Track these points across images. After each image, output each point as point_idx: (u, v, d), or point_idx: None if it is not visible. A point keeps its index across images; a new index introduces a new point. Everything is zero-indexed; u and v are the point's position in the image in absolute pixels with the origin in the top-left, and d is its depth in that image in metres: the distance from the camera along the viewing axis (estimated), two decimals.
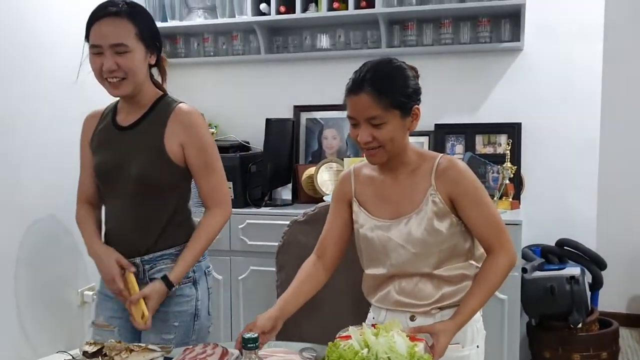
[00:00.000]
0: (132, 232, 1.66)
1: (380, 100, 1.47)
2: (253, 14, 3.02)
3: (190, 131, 1.64)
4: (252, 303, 2.84)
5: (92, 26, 1.57)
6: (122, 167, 1.63)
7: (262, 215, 2.82)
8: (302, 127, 3.25)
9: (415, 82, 1.54)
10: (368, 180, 1.66)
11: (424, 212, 1.54)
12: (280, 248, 1.99)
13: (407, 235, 1.55)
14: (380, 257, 1.60)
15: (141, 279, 1.65)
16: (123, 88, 1.59)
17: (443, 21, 2.92)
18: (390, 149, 1.53)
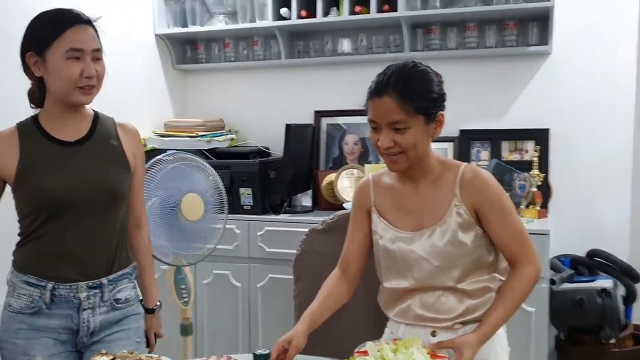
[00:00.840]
0: (97, 250, 1.59)
1: (404, 104, 1.42)
2: (274, 19, 2.99)
3: (138, 143, 1.71)
4: (270, 311, 2.78)
5: (67, 31, 1.49)
6: (87, 183, 1.56)
7: (281, 222, 2.77)
8: (323, 132, 3.20)
9: (440, 87, 1.48)
10: (387, 189, 1.60)
11: (447, 224, 1.47)
12: (297, 257, 1.94)
13: (430, 248, 1.48)
14: (402, 270, 1.53)
15: (104, 301, 1.60)
16: (92, 95, 1.56)
17: (468, 24, 2.84)
18: (412, 156, 1.47)
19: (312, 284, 1.92)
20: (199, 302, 2.89)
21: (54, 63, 1.49)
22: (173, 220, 2.31)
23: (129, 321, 1.66)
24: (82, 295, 1.56)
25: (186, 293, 2.46)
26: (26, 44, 1.53)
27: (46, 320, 1.54)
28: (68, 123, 1.58)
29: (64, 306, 1.55)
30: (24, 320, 1.54)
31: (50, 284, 1.54)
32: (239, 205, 2.84)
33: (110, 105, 2.77)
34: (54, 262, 1.55)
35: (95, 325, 1.59)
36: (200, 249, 2.41)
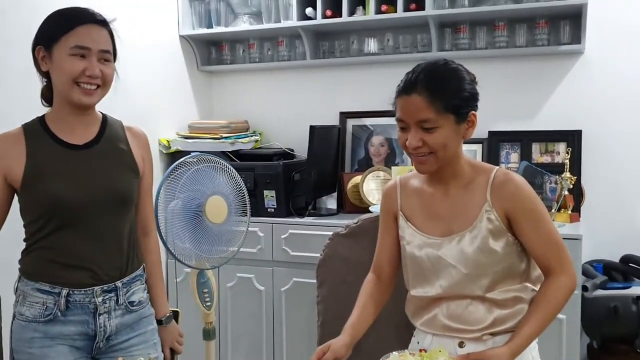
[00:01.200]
0: (108, 254, 1.57)
1: (434, 102, 1.37)
2: (299, 19, 2.95)
3: (147, 148, 1.70)
4: (295, 316, 2.75)
5: (77, 28, 1.47)
6: (97, 188, 1.53)
7: (306, 225, 2.73)
8: (348, 134, 3.15)
9: (472, 86, 1.43)
10: (415, 193, 1.55)
11: (478, 229, 1.41)
12: (321, 262, 1.90)
13: (459, 255, 1.42)
14: (429, 277, 1.48)
15: (119, 304, 1.59)
16: (95, 97, 1.52)
17: (497, 23, 2.77)
18: (441, 157, 1.41)
19: (337, 289, 1.89)
20: (222, 305, 2.87)
21: (59, 58, 1.47)
22: (197, 223, 2.28)
23: (144, 324, 1.66)
24: (98, 299, 1.54)
25: (209, 297, 2.43)
26: (37, 38, 1.51)
27: (61, 328, 1.52)
28: (75, 125, 1.55)
29: (79, 312, 1.53)
30: (37, 329, 1.51)
31: (64, 290, 1.51)
32: (262, 208, 2.81)
33: (135, 106, 2.81)
34: (67, 269, 1.52)
35: (112, 329, 1.57)
36: (224, 252, 2.38)
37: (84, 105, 1.52)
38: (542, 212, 1.43)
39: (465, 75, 1.44)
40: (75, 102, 1.50)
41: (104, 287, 1.55)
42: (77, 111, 1.54)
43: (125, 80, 2.67)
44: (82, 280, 1.53)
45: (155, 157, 2.94)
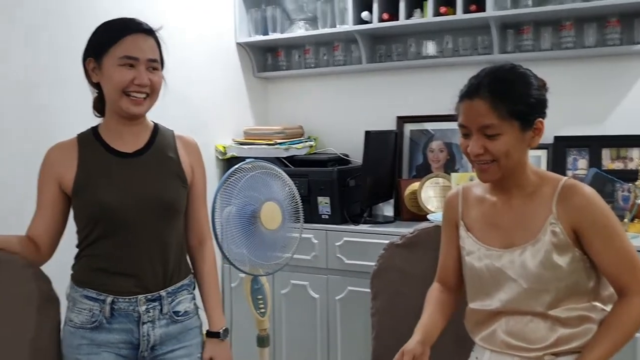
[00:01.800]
0: (153, 263, 1.56)
1: (497, 107, 1.31)
2: (354, 23, 2.90)
3: (198, 156, 1.69)
4: (349, 325, 2.69)
5: (125, 38, 1.48)
6: (144, 197, 1.53)
7: (361, 232, 2.67)
8: (406, 138, 3.07)
9: (540, 92, 1.36)
10: (477, 202, 1.49)
11: (541, 243, 1.33)
12: (375, 273, 1.84)
13: (520, 268, 1.34)
14: (488, 290, 1.41)
15: (164, 314, 1.57)
16: (144, 106, 1.53)
17: (564, 23, 2.63)
18: (504, 165, 1.35)
19: (392, 302, 1.82)
20: (277, 312, 2.85)
21: (108, 69, 1.49)
22: (252, 229, 2.27)
23: (189, 336, 1.63)
24: (142, 308, 1.54)
25: (263, 304, 2.41)
26: (87, 49, 1.54)
27: (107, 335, 1.53)
28: (126, 134, 1.57)
29: (123, 320, 1.53)
30: (85, 336, 1.53)
31: (109, 297, 1.52)
32: (316, 215, 2.77)
33: (193, 113, 2.83)
34: (112, 276, 1.54)
35: (156, 338, 1.56)
36: (278, 258, 2.36)
37: (133, 115, 1.53)
38: (615, 228, 1.33)
39: (533, 81, 1.37)
40: (124, 111, 1.52)
41: (148, 296, 1.55)
42: (126, 121, 1.55)
43: (183, 87, 2.75)
44: (126, 288, 1.53)
45: (211, 163, 2.97)
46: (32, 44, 2.07)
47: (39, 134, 2.05)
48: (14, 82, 2.02)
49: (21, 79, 2.05)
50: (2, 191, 1.97)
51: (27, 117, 2.05)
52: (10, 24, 2.01)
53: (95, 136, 1.57)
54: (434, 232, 1.78)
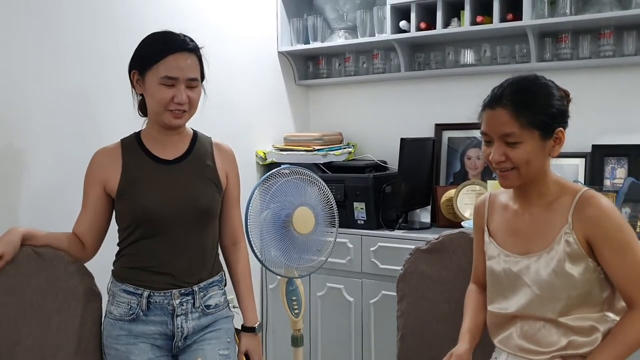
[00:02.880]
0: (189, 263, 1.68)
1: (518, 116, 1.35)
2: (393, 32, 2.95)
3: (232, 163, 1.79)
4: (383, 328, 2.74)
5: (168, 57, 1.57)
6: (181, 201, 1.63)
7: (395, 238, 2.72)
8: (444, 146, 3.10)
9: (562, 103, 1.40)
10: (501, 209, 1.54)
11: (554, 251, 1.36)
12: (401, 277, 1.89)
13: (534, 275, 1.38)
14: (506, 293, 1.46)
15: (196, 307, 1.68)
16: (183, 119, 1.64)
17: (603, 31, 2.61)
18: (524, 173, 1.39)
19: (417, 305, 1.87)
20: (313, 313, 2.92)
21: (150, 85, 1.59)
22: (285, 233, 2.35)
23: (220, 323, 1.74)
24: (176, 302, 1.65)
25: (297, 305, 2.49)
26: (133, 61, 1.64)
27: (143, 327, 1.64)
28: (167, 141, 1.68)
29: (159, 313, 1.64)
30: (123, 327, 1.64)
31: (146, 291, 1.64)
32: (352, 220, 2.84)
33: (236, 120, 2.95)
34: (149, 274, 1.65)
35: (189, 330, 1.68)
36: (312, 261, 2.43)
37: (173, 127, 1.65)
38: (629, 242, 1.34)
39: (555, 92, 1.40)
40: (166, 124, 1.63)
41: (182, 290, 1.66)
42: (167, 130, 1.67)
43: (227, 94, 2.86)
44: (162, 284, 1.65)
45: (252, 168, 3.07)
46: (82, 52, 2.19)
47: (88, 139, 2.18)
48: (66, 90, 2.15)
49: (73, 87, 2.17)
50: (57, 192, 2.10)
51: (77, 123, 2.18)
52: (59, 37, 2.13)
53: (138, 142, 1.69)
54: (459, 239, 1.83)
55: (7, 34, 1.95)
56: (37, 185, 2.05)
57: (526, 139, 1.36)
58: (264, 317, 3.07)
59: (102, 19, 2.27)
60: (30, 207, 2.03)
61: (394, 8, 2.93)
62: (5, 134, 1.95)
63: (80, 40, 2.20)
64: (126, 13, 2.36)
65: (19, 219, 1.99)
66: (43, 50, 2.07)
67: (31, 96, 2.03)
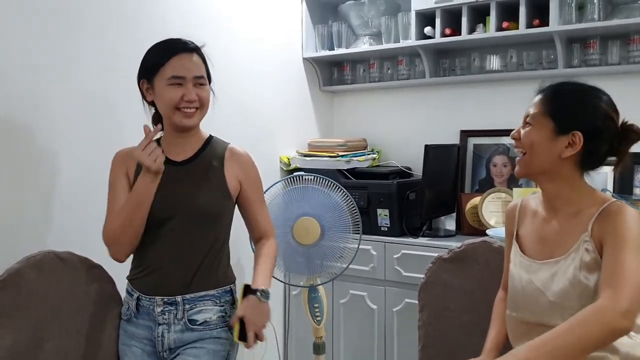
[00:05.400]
0: (178, 270, 1.64)
1: (545, 103, 1.42)
2: (417, 38, 2.93)
3: (247, 165, 1.75)
4: (406, 337, 2.71)
5: (171, 59, 1.60)
6: (178, 202, 1.63)
7: (419, 245, 2.69)
8: (469, 153, 3.07)
9: (597, 113, 1.39)
10: (531, 215, 1.54)
11: (571, 259, 1.34)
12: (422, 286, 1.87)
13: (548, 281, 1.37)
14: (523, 300, 1.45)
15: (179, 319, 1.63)
16: (195, 118, 1.64)
17: (632, 37, 2.55)
18: (529, 160, 1.43)
19: (438, 315, 1.85)
20: (335, 321, 2.91)
21: (159, 88, 1.62)
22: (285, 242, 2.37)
23: (205, 342, 1.63)
24: (158, 309, 1.63)
25: (319, 312, 2.49)
26: (140, 72, 1.67)
27: (135, 329, 1.67)
28: (179, 144, 1.70)
29: (146, 317, 1.65)
30: (122, 326, 1.70)
31: (136, 294, 1.66)
32: (376, 227, 2.82)
33: (261, 126, 2.96)
34: (141, 275, 1.67)
35: (170, 342, 1.63)
36: (333, 268, 2.43)
37: (186, 127, 1.66)
38: (629, 242, 1.28)
39: (594, 100, 1.41)
40: (178, 124, 1.64)
41: (165, 299, 1.63)
42: (181, 132, 1.68)
43: (252, 99, 2.88)
44: (149, 287, 1.65)
45: (276, 173, 3.07)
46: (105, 57, 2.23)
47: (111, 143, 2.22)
48: (89, 95, 2.18)
49: (96, 92, 2.21)
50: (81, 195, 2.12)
51: (100, 127, 2.21)
52: (82, 41, 2.17)
53: (158, 145, 1.69)
54: (481, 248, 1.80)
55: (32, 40, 1.99)
56: (65, 184, 2.09)
57: (539, 124, 1.41)
58: (286, 324, 3.07)
59: (125, 25, 2.30)
60: (61, 204, 2.06)
61: (419, 14, 2.91)
62: (30, 138, 1.99)
63: (103, 46, 2.23)
64: (149, 19, 2.39)
65: (44, 222, 2.02)
66: (66, 55, 2.10)
67: (55, 101, 2.06)
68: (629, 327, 1.20)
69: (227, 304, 1.70)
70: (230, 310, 1.70)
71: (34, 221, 1.99)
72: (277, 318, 3.05)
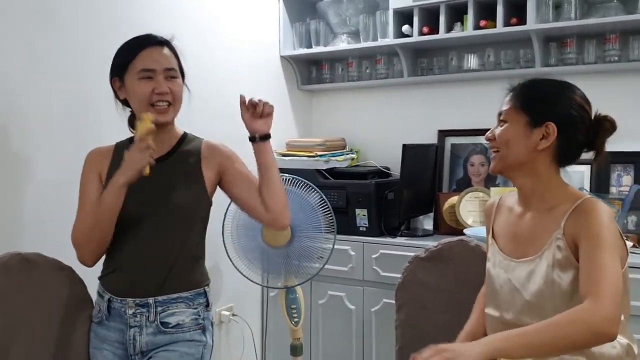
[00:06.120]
0: (150, 271, 1.59)
1: (516, 98, 1.43)
2: (395, 37, 2.92)
3: (224, 154, 1.69)
4: (385, 337, 2.69)
5: (140, 53, 1.57)
6: (155, 197, 1.59)
7: (398, 245, 2.67)
8: (447, 152, 3.06)
9: (570, 104, 1.38)
10: (507, 212, 1.53)
11: (545, 257, 1.34)
12: (399, 286, 1.85)
13: (524, 280, 1.37)
14: (500, 298, 1.44)
15: (151, 322, 1.58)
16: (168, 115, 1.60)
17: (608, 36, 2.57)
18: (504, 155, 1.42)
19: (415, 314, 1.83)
20: (314, 322, 2.88)
21: (130, 84, 1.58)
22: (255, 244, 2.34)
23: (178, 345, 1.59)
24: (129, 311, 1.58)
25: (297, 313, 2.46)
26: (111, 70, 1.63)
27: (106, 332, 1.62)
28: (154, 142, 1.61)
29: (117, 320, 1.60)
30: (93, 329, 1.65)
31: (107, 295, 1.61)
32: (354, 227, 2.80)
33: (236, 125, 2.89)
34: (112, 275, 1.62)
35: (142, 344, 1.58)
36: (311, 269, 2.40)
37: (160, 124, 1.60)
38: (605, 241, 1.26)
39: (570, 94, 1.41)
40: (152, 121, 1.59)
41: (137, 301, 1.58)
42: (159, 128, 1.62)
43: (228, 98, 2.82)
44: (119, 288, 1.60)
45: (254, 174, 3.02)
46: (81, 55, 2.18)
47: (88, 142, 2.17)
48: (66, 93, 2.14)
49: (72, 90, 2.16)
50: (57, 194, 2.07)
51: (77, 126, 2.16)
52: (58, 39, 2.12)
53: (130, 144, 1.64)
54: (458, 247, 1.79)
55: (6, 37, 1.94)
56: (38, 181, 2.05)
57: (513, 120, 1.41)
58: (263, 325, 3.03)
59: (102, 23, 2.26)
60: (33, 201, 2.02)
61: (397, 12, 2.90)
62: (5, 137, 1.95)
63: (79, 44, 2.18)
64: (127, 17, 2.34)
65: (20, 222, 1.98)
66: (42, 53, 2.05)
67: (31, 99, 2.02)
68: (615, 334, 1.19)
69: (201, 306, 1.65)
70: (204, 312, 1.65)
71: (4, 222, 1.94)
72: (254, 319, 3.01)
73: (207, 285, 1.70)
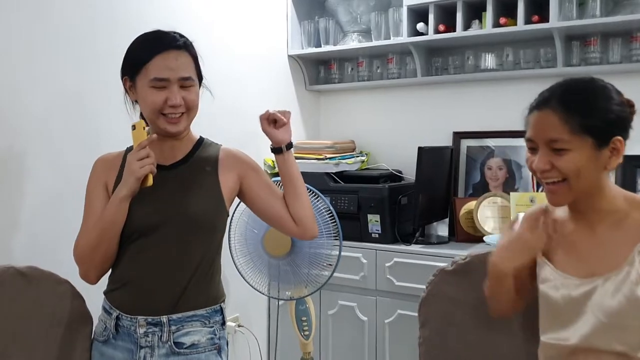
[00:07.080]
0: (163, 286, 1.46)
1: (568, 120, 1.21)
2: (409, 35, 2.80)
3: (243, 161, 1.58)
4: (399, 351, 2.57)
5: (155, 57, 1.42)
6: (170, 207, 1.46)
7: (413, 253, 2.55)
8: (463, 155, 2.94)
9: (622, 109, 1.25)
10: (558, 225, 1.38)
11: (625, 273, 1.20)
12: (423, 301, 1.72)
13: (599, 300, 1.22)
14: (564, 322, 1.29)
15: (164, 342, 1.45)
16: (181, 124, 1.47)
17: (635, 34, 2.45)
18: (575, 187, 1.24)
19: (442, 332, 1.70)
20: (324, 333, 2.75)
21: (141, 90, 1.44)
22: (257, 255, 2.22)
23: None
24: (140, 330, 1.45)
25: (307, 326, 2.34)
26: (122, 68, 1.49)
27: (113, 351, 1.48)
28: (165, 148, 1.51)
29: (126, 339, 1.46)
30: (97, 348, 1.51)
31: (115, 312, 1.47)
32: (366, 233, 2.67)
33: (243, 126, 2.79)
34: (121, 290, 1.48)
35: None
36: (320, 277, 2.27)
37: (171, 134, 1.48)
38: None
39: (614, 95, 1.26)
40: (162, 131, 1.47)
41: (149, 319, 1.44)
42: (166, 137, 1.50)
43: (235, 99, 2.72)
44: (129, 305, 1.46)
45: None
46: (79, 54, 2.09)
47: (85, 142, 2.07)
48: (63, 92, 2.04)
49: (69, 89, 2.06)
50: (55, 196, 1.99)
51: (74, 126, 2.07)
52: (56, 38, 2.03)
53: None
54: (488, 259, 1.66)
55: (2, 35, 1.85)
56: (34, 188, 1.95)
57: (576, 146, 1.22)
58: (271, 338, 2.90)
59: (100, 20, 2.16)
60: (29, 211, 1.94)
61: (411, 10, 2.79)
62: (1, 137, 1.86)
63: (77, 42, 2.08)
64: (126, 14, 2.23)
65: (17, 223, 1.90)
66: (39, 52, 1.96)
67: (28, 98, 1.93)
68: None
69: (217, 324, 1.53)
70: (220, 331, 1.53)
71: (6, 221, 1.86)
72: (261, 330, 2.89)
73: (222, 301, 1.57)
